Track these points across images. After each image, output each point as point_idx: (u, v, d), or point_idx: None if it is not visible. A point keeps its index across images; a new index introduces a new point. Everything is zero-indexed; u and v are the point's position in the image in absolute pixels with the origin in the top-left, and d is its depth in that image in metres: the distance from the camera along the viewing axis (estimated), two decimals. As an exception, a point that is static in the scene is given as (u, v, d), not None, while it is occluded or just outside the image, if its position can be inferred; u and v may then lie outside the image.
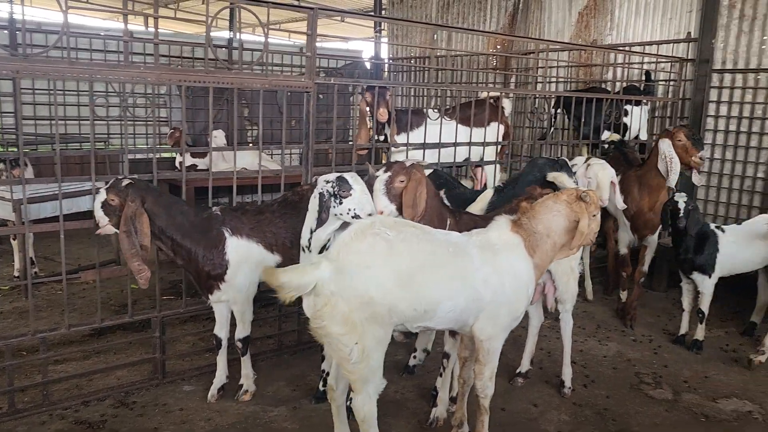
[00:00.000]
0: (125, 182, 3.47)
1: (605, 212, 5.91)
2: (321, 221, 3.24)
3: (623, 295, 5.71)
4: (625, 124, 6.55)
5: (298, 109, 9.26)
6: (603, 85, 7.62)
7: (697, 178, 5.39)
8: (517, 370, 4.29)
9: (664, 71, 7.24)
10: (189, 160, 8.36)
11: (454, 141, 5.09)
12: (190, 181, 6.61)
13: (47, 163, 7.79)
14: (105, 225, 3.48)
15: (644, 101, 6.92)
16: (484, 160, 5.53)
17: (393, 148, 5.22)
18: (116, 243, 5.97)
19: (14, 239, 5.75)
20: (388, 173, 3.49)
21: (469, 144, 5.20)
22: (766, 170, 6.76)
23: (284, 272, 2.71)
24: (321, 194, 3.24)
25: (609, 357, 4.76)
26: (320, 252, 3.32)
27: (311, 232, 3.31)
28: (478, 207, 4.13)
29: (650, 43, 7.40)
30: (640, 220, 5.41)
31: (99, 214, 3.47)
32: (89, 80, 3.48)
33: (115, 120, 8.25)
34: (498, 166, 5.76)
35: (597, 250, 6.61)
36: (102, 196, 3.45)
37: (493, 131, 5.60)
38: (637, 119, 6.74)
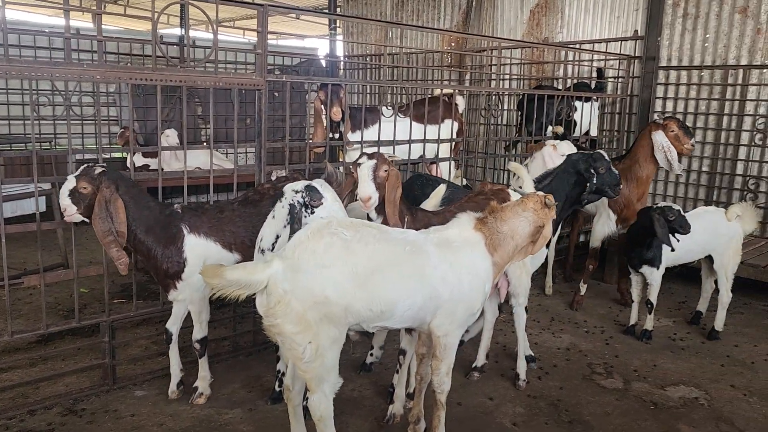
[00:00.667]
0: (98, 170, 3.42)
1: None
2: (294, 231, 3.15)
3: (583, 288, 5.81)
4: (574, 121, 6.68)
5: (253, 107, 9.16)
6: (554, 83, 7.76)
7: (677, 166, 5.55)
8: (473, 365, 4.33)
9: (613, 68, 7.42)
10: (141, 160, 8.17)
11: (408, 138, 5.11)
12: (141, 181, 6.45)
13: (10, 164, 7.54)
14: (72, 214, 3.39)
15: (594, 98, 7.08)
16: (439, 157, 5.56)
17: (348, 147, 5.21)
18: (64, 246, 5.80)
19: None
20: (374, 161, 3.46)
21: (424, 141, 5.22)
22: (710, 164, 7.01)
23: (233, 269, 2.67)
24: (292, 206, 3.20)
25: (562, 349, 4.85)
26: None
27: (277, 238, 3.27)
28: (432, 203, 4.15)
29: (599, 41, 7.58)
30: (629, 211, 5.54)
31: (66, 202, 3.37)
32: (30, 78, 3.34)
33: (61, 119, 8.01)
34: (452, 162, 5.81)
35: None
36: (71, 183, 3.37)
37: (447, 128, 5.64)
38: (586, 115, 6.89)
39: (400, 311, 2.94)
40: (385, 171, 3.48)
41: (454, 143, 5.87)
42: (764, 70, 6.57)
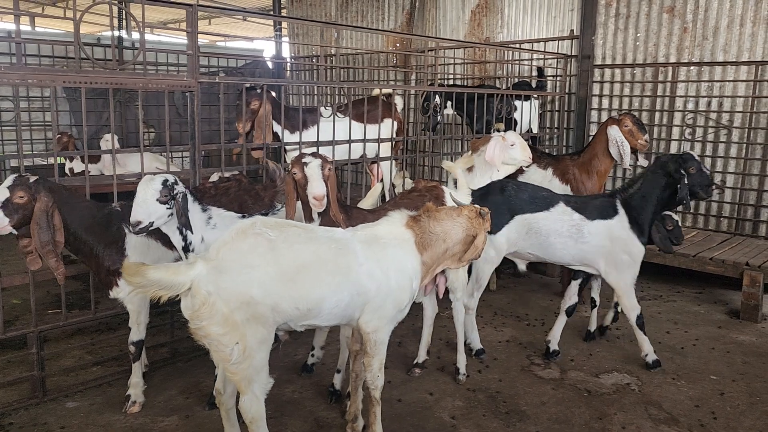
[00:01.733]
0: (32, 178, 3.33)
1: None
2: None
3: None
4: (514, 119, 6.81)
5: (205, 110, 9.01)
6: (496, 82, 7.89)
7: (643, 160, 5.70)
8: (414, 361, 4.36)
9: (551, 67, 7.59)
10: (80, 166, 7.97)
11: (348, 138, 5.11)
12: (78, 187, 6.30)
13: None
14: (4, 226, 3.25)
15: (534, 96, 7.23)
16: (379, 156, 5.58)
17: (287, 148, 5.18)
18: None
19: None
20: (320, 160, 3.43)
21: (364, 141, 5.23)
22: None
23: (156, 269, 2.64)
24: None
25: (503, 342, 4.94)
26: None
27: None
28: (368, 203, 4.17)
29: (538, 41, 7.75)
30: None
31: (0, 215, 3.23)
32: (-59, 82, 3.22)
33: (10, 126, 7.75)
34: (393, 161, 5.84)
35: None
36: (4, 194, 3.24)
37: (387, 127, 5.67)
38: (527, 114, 7.02)
39: (328, 309, 2.96)
40: (329, 170, 3.47)
41: (394, 143, 5.91)
42: (692, 68, 6.82)
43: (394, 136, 5.82)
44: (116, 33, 10.29)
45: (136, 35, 10.71)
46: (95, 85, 3.67)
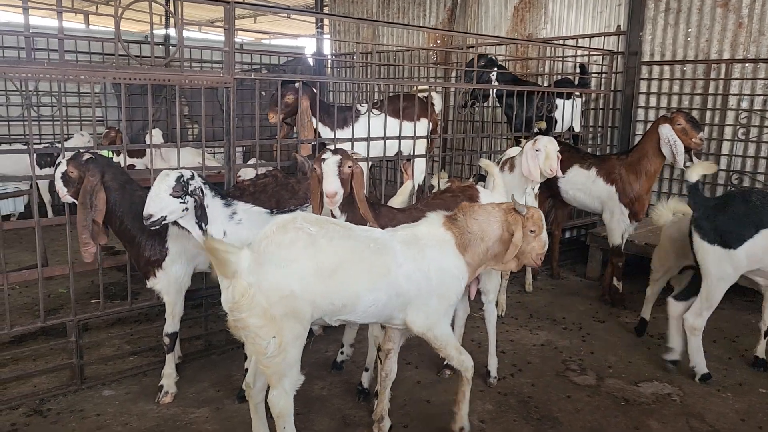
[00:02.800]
0: (86, 156, 3.49)
1: (557, 196, 6.03)
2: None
3: (619, 285, 5.77)
4: (555, 118, 6.66)
5: (240, 106, 9.16)
6: (538, 79, 7.73)
7: (681, 159, 5.51)
8: (445, 362, 4.30)
9: (596, 64, 7.39)
10: (127, 160, 8.16)
11: (383, 134, 5.06)
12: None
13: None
14: (64, 195, 3.50)
15: (577, 94, 7.05)
16: (413, 154, 5.49)
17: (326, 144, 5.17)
18: (42, 245, 5.78)
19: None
20: (338, 156, 3.39)
21: (399, 138, 5.18)
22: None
23: (218, 241, 2.75)
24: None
25: (538, 346, 4.83)
26: None
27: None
28: (399, 200, 4.13)
29: (582, 37, 7.55)
30: (639, 205, 5.54)
31: (59, 184, 3.48)
32: (-12, 77, 3.33)
33: (47, 120, 8.03)
34: (426, 161, 5.75)
35: None
36: (63, 167, 3.46)
37: (422, 127, 5.57)
38: (568, 112, 6.85)
39: (363, 307, 2.96)
40: (350, 167, 3.43)
41: (429, 142, 5.82)
42: (746, 65, 6.53)
43: (430, 135, 5.74)
44: (162, 31, 10.53)
45: (188, 33, 10.97)
46: (134, 81, 3.74)
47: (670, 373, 4.37)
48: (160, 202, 3.22)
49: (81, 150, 3.58)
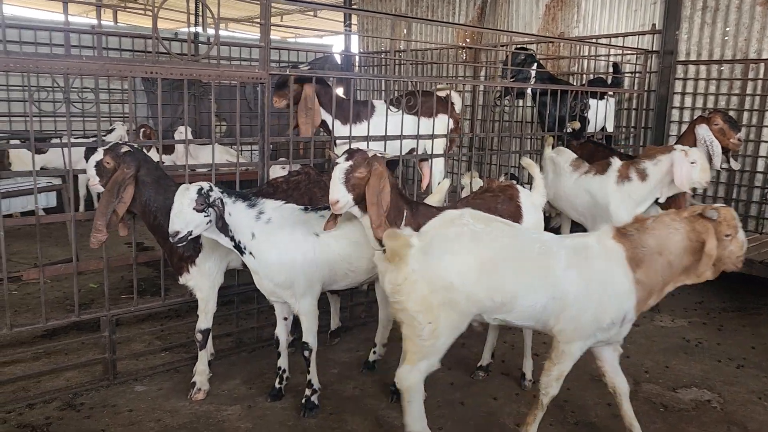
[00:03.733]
0: (124, 148, 3.49)
1: None
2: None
3: None
4: (587, 118, 6.54)
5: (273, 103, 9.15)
6: (570, 79, 7.62)
7: (734, 163, 5.40)
8: (479, 364, 4.24)
9: (630, 63, 7.25)
10: (156, 156, 8.21)
11: (400, 133, 4.98)
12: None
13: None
14: (95, 184, 3.52)
15: (609, 93, 6.92)
16: (432, 152, 5.39)
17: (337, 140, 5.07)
18: (75, 240, 5.82)
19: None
20: (350, 162, 3.25)
21: (417, 137, 5.08)
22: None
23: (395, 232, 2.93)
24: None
25: (572, 349, 4.73)
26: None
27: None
28: (436, 198, 4.06)
29: (616, 35, 7.42)
30: (675, 205, 5.34)
31: (91, 172, 3.48)
32: (29, 72, 3.34)
33: (90, 116, 8.11)
34: (444, 159, 5.64)
35: None
36: (99, 156, 3.47)
37: (441, 123, 5.43)
38: (601, 112, 6.73)
39: (522, 307, 2.97)
40: (362, 172, 3.23)
41: (448, 140, 5.70)
42: (787, 64, 6.36)
43: (449, 134, 5.61)
44: (192, 29, 10.58)
45: (211, 31, 11.02)
46: (170, 75, 3.73)
47: (709, 379, 4.26)
48: (185, 218, 3.12)
49: (120, 142, 3.58)
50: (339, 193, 3.22)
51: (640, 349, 4.76)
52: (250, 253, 3.36)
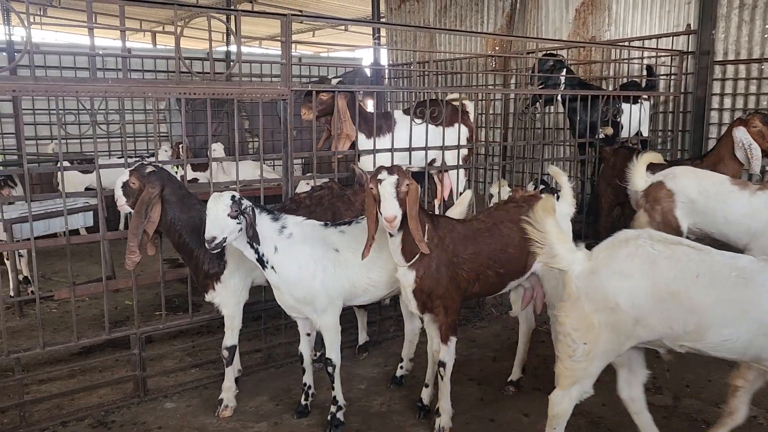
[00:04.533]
0: (149, 169, 3.57)
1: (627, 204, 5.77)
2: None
3: None
4: (621, 124, 6.39)
5: (298, 119, 9.22)
6: (602, 83, 7.46)
7: (756, 164, 5.22)
8: (509, 379, 4.14)
9: (664, 65, 7.06)
10: (191, 174, 8.37)
11: (425, 144, 4.94)
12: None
13: (39, 182, 7.88)
14: (122, 204, 3.59)
15: (644, 97, 6.75)
16: (447, 163, 5.31)
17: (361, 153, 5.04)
18: (110, 259, 5.94)
19: (8, 259, 5.74)
20: (396, 176, 3.15)
21: (443, 149, 5.03)
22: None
23: (555, 225, 2.85)
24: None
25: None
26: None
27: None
28: (458, 210, 4.00)
29: (649, 37, 7.24)
30: None
31: (118, 193, 3.57)
32: (56, 96, 3.44)
33: (115, 136, 8.32)
34: (462, 170, 5.56)
35: None
36: (125, 177, 3.55)
37: (456, 132, 5.35)
38: (635, 117, 6.56)
39: (715, 339, 2.70)
40: (407, 185, 3.18)
41: (466, 150, 5.63)
42: (832, 61, 6.09)
43: (464, 143, 5.53)
44: (224, 48, 10.79)
45: (244, 48, 11.22)
46: (193, 95, 3.79)
47: (754, 394, 4.05)
48: (220, 224, 3.15)
49: (144, 162, 3.64)
50: (395, 209, 3.10)
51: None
52: (272, 267, 3.35)
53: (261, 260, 3.35)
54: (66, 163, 7.41)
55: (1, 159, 7.63)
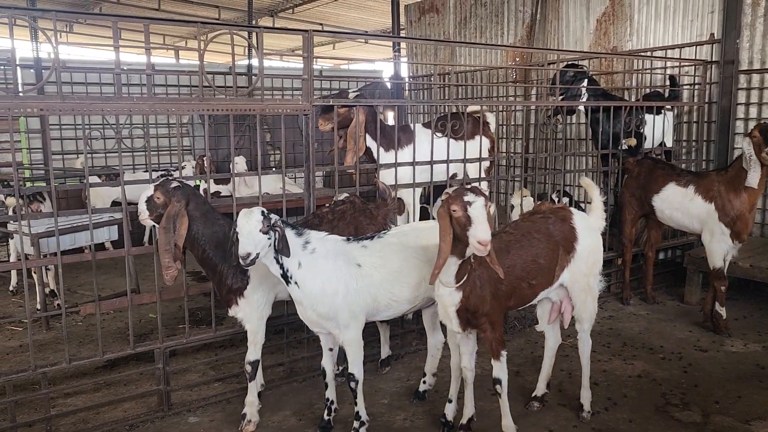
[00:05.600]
0: (174, 184, 3.62)
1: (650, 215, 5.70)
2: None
3: (723, 311, 5.31)
4: (644, 135, 6.31)
5: (319, 131, 9.28)
6: (624, 94, 7.39)
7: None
8: (533, 394, 4.08)
9: (688, 75, 6.98)
10: (213, 187, 8.46)
11: (446, 157, 4.93)
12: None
13: (65, 197, 8.01)
14: (145, 218, 3.61)
15: (667, 107, 6.67)
16: (470, 176, 5.28)
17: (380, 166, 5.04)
18: (135, 273, 6.02)
19: (35, 272, 5.84)
20: (483, 198, 3.06)
21: (464, 161, 5.01)
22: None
23: None
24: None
25: (634, 377, 4.50)
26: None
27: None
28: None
29: (672, 47, 7.16)
30: (741, 224, 5.16)
31: (142, 207, 3.59)
32: (83, 113, 3.49)
33: (139, 150, 8.45)
34: (485, 183, 5.52)
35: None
36: (149, 191, 3.58)
37: (478, 145, 5.29)
38: (658, 127, 6.48)
39: None
40: (491, 208, 3.13)
41: (488, 163, 5.59)
42: None
43: (486, 155, 5.50)
44: (246, 61, 10.91)
45: (270, 62, 11.36)
46: (216, 112, 3.83)
47: (787, 410, 3.95)
48: (254, 239, 3.14)
49: (169, 177, 3.68)
50: (489, 231, 2.99)
51: (710, 377, 4.48)
52: (296, 283, 3.35)
53: (285, 276, 3.35)
54: (96, 178, 7.58)
55: (28, 174, 7.77)
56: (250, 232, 3.14)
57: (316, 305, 3.38)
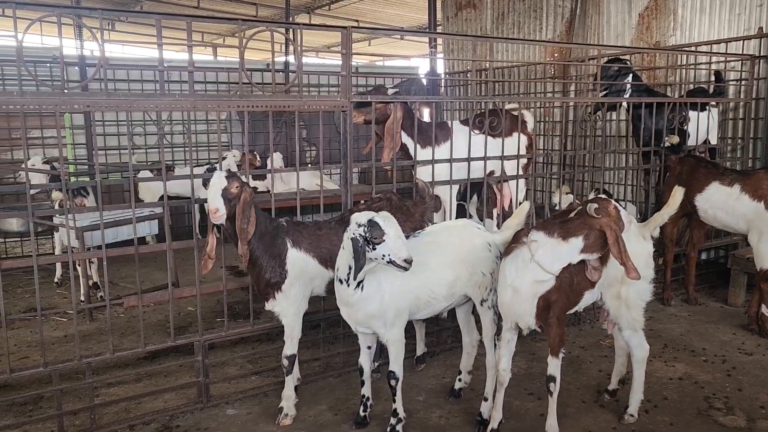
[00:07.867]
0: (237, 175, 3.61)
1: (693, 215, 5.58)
2: (360, 266, 3.15)
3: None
4: (687, 132, 6.15)
5: (356, 128, 9.29)
6: (667, 90, 7.21)
7: None
8: (607, 387, 4.11)
9: (734, 70, 6.78)
10: (251, 183, 8.55)
11: (484, 155, 4.88)
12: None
13: (108, 192, 8.20)
14: (222, 214, 3.46)
15: (712, 104, 6.49)
16: (506, 173, 5.23)
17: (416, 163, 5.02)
18: (175, 267, 6.12)
19: (79, 265, 5.99)
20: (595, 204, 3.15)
21: (501, 158, 4.96)
22: None
23: None
24: (354, 239, 3.13)
25: (675, 380, 4.40)
26: (357, 285, 3.31)
27: (350, 269, 3.24)
28: (515, 222, 3.91)
29: (718, 42, 6.95)
30: None
31: (219, 202, 3.44)
32: (127, 110, 3.57)
33: (178, 147, 8.60)
34: (523, 180, 5.46)
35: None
36: (223, 183, 3.46)
37: (515, 142, 5.25)
38: (702, 124, 6.31)
39: None
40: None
41: (525, 160, 5.52)
42: None
43: (524, 152, 5.43)
44: (283, 58, 10.99)
45: (305, 59, 11.42)
46: (256, 108, 3.88)
47: (838, 418, 3.81)
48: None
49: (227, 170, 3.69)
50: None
51: (755, 381, 4.36)
52: (361, 287, 3.35)
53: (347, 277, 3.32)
54: (148, 173, 7.73)
55: (72, 170, 7.98)
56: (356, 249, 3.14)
57: (368, 305, 3.39)
